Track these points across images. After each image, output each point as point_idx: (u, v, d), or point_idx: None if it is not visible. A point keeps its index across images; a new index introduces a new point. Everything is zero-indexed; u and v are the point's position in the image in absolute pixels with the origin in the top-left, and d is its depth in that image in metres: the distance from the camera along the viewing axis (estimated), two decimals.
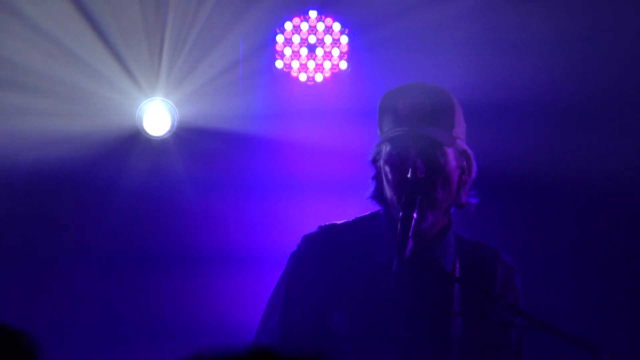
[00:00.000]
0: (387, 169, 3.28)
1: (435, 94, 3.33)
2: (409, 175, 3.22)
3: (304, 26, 5.17)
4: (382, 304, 3.26)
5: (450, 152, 3.27)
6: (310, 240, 3.39)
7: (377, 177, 3.35)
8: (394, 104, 3.31)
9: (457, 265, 3.35)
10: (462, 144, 3.31)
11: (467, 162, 3.33)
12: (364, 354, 3.25)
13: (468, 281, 3.34)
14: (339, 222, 3.43)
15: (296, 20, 5.17)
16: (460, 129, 3.32)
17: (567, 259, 5.03)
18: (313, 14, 5.17)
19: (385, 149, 3.29)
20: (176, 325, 5.14)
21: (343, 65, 5.18)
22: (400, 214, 3.21)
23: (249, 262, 5.13)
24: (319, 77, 5.18)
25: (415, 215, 3.19)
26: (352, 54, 5.17)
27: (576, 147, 5.03)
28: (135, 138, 5.10)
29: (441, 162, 3.25)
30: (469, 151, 3.34)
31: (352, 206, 3.66)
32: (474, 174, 3.35)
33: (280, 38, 5.17)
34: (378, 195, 3.36)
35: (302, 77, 5.18)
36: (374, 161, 3.35)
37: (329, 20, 5.17)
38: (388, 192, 3.29)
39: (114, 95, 5.04)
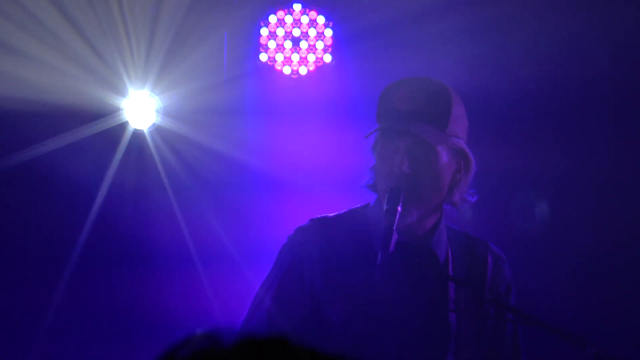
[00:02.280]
0: (378, 160, 3.30)
1: (433, 91, 3.32)
2: (395, 170, 3.23)
3: (288, 19, 5.17)
4: (376, 295, 3.27)
5: (442, 150, 3.26)
6: (303, 232, 3.38)
7: (374, 167, 3.36)
8: (391, 96, 3.32)
9: (450, 256, 3.37)
10: (457, 142, 3.29)
11: (464, 161, 3.33)
12: (359, 344, 3.25)
13: (460, 272, 3.35)
14: (330, 214, 3.43)
15: (280, 13, 5.16)
16: (457, 126, 3.30)
17: (561, 255, 5.04)
18: (297, 7, 5.17)
19: (378, 139, 3.31)
20: (165, 319, 5.13)
21: (327, 58, 5.17)
22: (385, 207, 3.21)
23: (233, 255, 5.12)
24: (303, 70, 5.17)
25: (399, 208, 3.19)
26: (336, 47, 5.17)
27: (570, 138, 5.04)
28: (119, 131, 5.08)
29: (429, 158, 3.25)
30: (467, 150, 3.32)
31: (336, 199, 3.66)
32: (471, 174, 3.34)
33: (264, 31, 5.16)
34: (373, 185, 3.37)
35: (287, 70, 5.17)
36: (372, 150, 3.36)
37: (313, 14, 5.17)
38: (378, 182, 3.31)
39: (98, 88, 5.02)
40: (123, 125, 5.07)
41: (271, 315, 3.31)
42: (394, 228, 3.17)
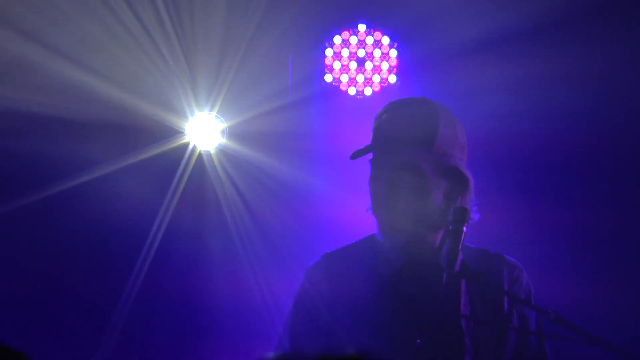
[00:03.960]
0: (369, 183, 3.35)
1: (418, 114, 3.35)
2: (379, 191, 3.27)
3: (353, 40, 5.17)
4: (390, 317, 3.29)
5: (428, 168, 3.27)
6: (311, 270, 3.47)
7: None
8: (377, 121, 3.39)
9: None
10: (448, 160, 3.30)
11: (458, 180, 3.32)
12: None
13: (474, 288, 3.34)
14: (336, 248, 3.49)
15: (345, 34, 5.17)
16: (447, 146, 3.30)
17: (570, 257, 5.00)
18: (362, 27, 5.17)
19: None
20: (221, 333, 5.16)
21: (392, 79, 5.17)
22: (450, 227, 3.21)
23: (295, 273, 5.13)
24: (368, 91, 5.18)
25: (465, 229, 3.19)
26: (401, 68, 5.17)
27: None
28: (183, 151, 5.11)
29: (414, 178, 3.26)
30: (461, 169, 3.32)
31: None
32: (469, 193, 3.33)
33: (329, 52, 5.17)
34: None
35: (352, 91, 5.18)
36: None
37: (377, 34, 5.17)
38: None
39: (163, 108, 5.06)
40: (187, 146, 5.10)
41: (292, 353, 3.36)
42: (460, 248, 3.17)
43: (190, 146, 5.10)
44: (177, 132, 5.09)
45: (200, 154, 5.12)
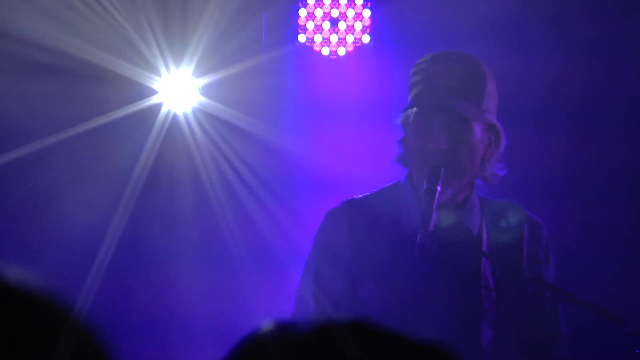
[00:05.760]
0: (412, 134, 3.31)
1: (468, 65, 3.34)
2: (431, 145, 3.24)
3: (327, 0, 5.16)
4: (411, 274, 3.28)
5: (477, 126, 3.28)
6: (333, 215, 3.41)
7: (404, 141, 3.37)
8: (425, 69, 3.33)
9: (484, 227, 3.37)
10: (490, 117, 3.32)
11: (495, 135, 3.35)
12: (397, 325, 3.25)
13: (495, 243, 3.36)
14: (359, 195, 3.45)
15: None
16: (490, 101, 3.33)
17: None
18: None
19: (412, 112, 3.31)
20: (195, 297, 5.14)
21: (366, 39, 5.16)
22: (424, 186, 3.22)
23: (273, 242, 5.11)
24: (341, 51, 5.16)
25: (439, 188, 3.21)
26: (374, 28, 5.16)
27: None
28: (155, 112, 5.06)
29: (465, 135, 3.26)
30: (498, 125, 3.35)
31: (373, 179, 3.67)
32: (501, 148, 3.37)
33: (302, 12, 5.15)
34: (402, 159, 3.38)
35: (325, 51, 5.16)
36: (402, 125, 3.37)
37: None
38: (411, 157, 3.32)
39: (134, 68, 5.01)
40: (159, 107, 5.05)
41: (315, 302, 3.33)
42: (434, 207, 3.18)
43: (164, 107, 5.05)
44: (148, 93, 5.03)
45: (171, 114, 5.07)
